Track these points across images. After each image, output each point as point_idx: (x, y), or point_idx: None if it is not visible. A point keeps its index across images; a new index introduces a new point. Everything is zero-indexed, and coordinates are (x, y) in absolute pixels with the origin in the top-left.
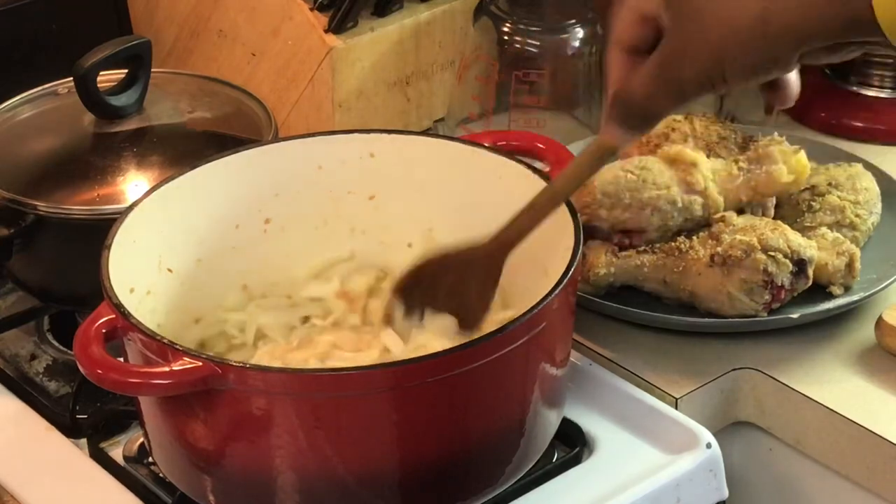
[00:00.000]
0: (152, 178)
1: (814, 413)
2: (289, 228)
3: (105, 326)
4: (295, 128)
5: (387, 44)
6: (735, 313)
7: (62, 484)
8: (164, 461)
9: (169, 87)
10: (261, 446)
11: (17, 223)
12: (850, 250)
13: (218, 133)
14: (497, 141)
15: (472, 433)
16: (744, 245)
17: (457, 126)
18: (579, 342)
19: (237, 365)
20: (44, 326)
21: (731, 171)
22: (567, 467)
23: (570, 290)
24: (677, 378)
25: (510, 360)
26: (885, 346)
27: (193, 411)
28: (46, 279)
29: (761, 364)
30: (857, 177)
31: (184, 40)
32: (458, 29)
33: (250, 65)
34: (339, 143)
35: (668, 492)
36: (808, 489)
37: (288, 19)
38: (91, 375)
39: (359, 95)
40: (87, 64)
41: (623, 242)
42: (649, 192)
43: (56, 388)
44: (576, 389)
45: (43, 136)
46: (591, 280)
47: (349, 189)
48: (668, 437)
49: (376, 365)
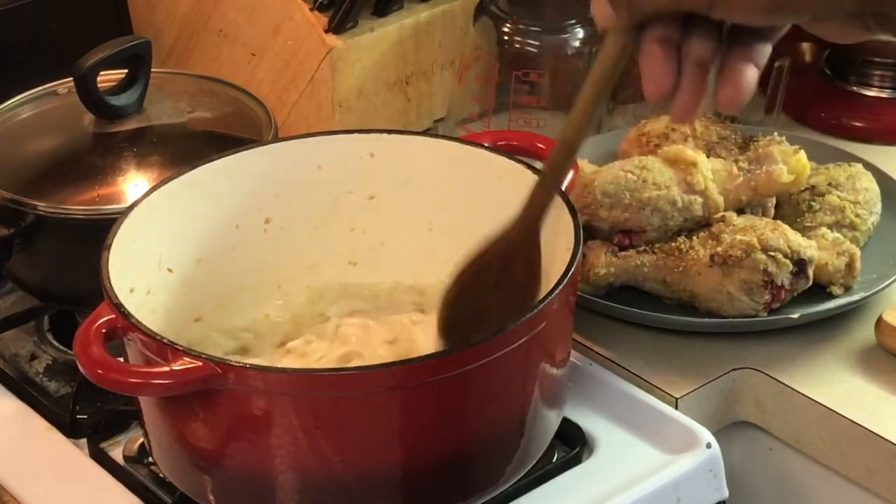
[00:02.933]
0: (152, 178)
1: (814, 413)
2: (289, 228)
3: (105, 326)
4: (295, 128)
5: (387, 44)
6: (735, 313)
7: (62, 484)
8: (164, 461)
9: (169, 87)
10: (261, 446)
11: (17, 223)
12: (850, 250)
13: (218, 133)
14: (497, 141)
15: (473, 433)
16: (744, 245)
17: (457, 126)
18: (579, 342)
19: (237, 365)
20: (44, 326)
21: (731, 171)
22: (567, 467)
23: (570, 290)
24: (677, 378)
25: (510, 360)
26: (885, 346)
27: (193, 411)
28: (46, 279)
29: (761, 364)
30: (857, 177)
31: (184, 40)
32: (458, 29)
33: (250, 65)
34: (339, 143)
35: (668, 492)
36: (808, 489)
37: (288, 19)
38: (91, 375)
39: (359, 95)
40: (87, 64)
41: (623, 242)
42: (649, 192)
43: (56, 388)
44: (576, 389)
45: (43, 136)
46: (591, 280)
47: (349, 189)
48: (667, 437)
49: (376, 365)
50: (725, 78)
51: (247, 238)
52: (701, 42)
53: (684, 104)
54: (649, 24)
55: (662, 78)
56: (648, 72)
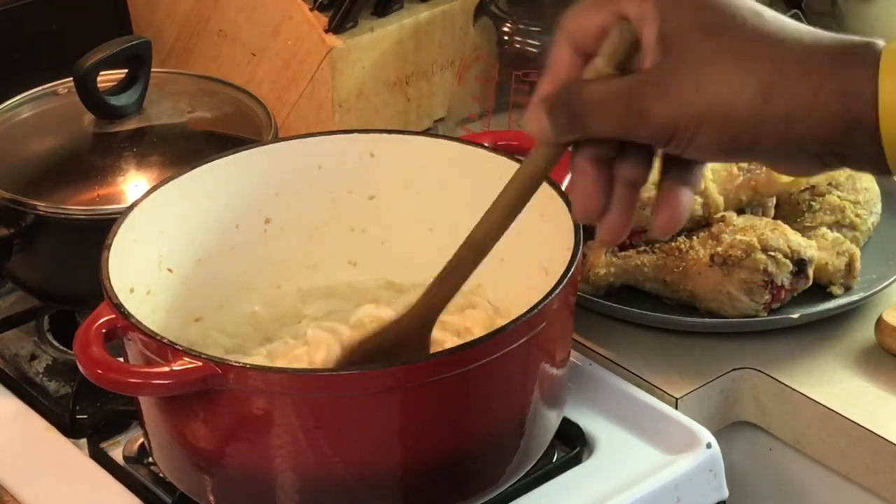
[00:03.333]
0: (152, 178)
1: (814, 413)
2: (289, 228)
3: (105, 326)
4: (295, 128)
5: (387, 44)
6: (735, 313)
7: (62, 484)
8: (164, 461)
9: (169, 87)
10: (261, 446)
11: (17, 223)
12: (850, 250)
13: (218, 133)
14: (497, 141)
15: (473, 433)
16: (744, 245)
17: (457, 126)
18: (579, 342)
19: (237, 365)
20: (44, 326)
21: (731, 171)
22: (567, 467)
23: (570, 290)
24: (677, 378)
25: (510, 360)
26: (885, 346)
27: (193, 411)
28: (46, 279)
29: (761, 364)
30: (857, 177)
31: (184, 40)
32: (458, 29)
33: (250, 65)
34: (339, 143)
35: (668, 492)
36: (808, 489)
37: (288, 19)
38: (91, 375)
39: (359, 95)
40: (87, 64)
41: (623, 242)
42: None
43: (56, 388)
44: (576, 389)
45: (43, 136)
46: (591, 280)
47: (349, 189)
48: (668, 437)
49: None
50: (662, 202)
51: (247, 238)
52: (634, 162)
53: (612, 225)
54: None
55: (593, 197)
56: (580, 190)
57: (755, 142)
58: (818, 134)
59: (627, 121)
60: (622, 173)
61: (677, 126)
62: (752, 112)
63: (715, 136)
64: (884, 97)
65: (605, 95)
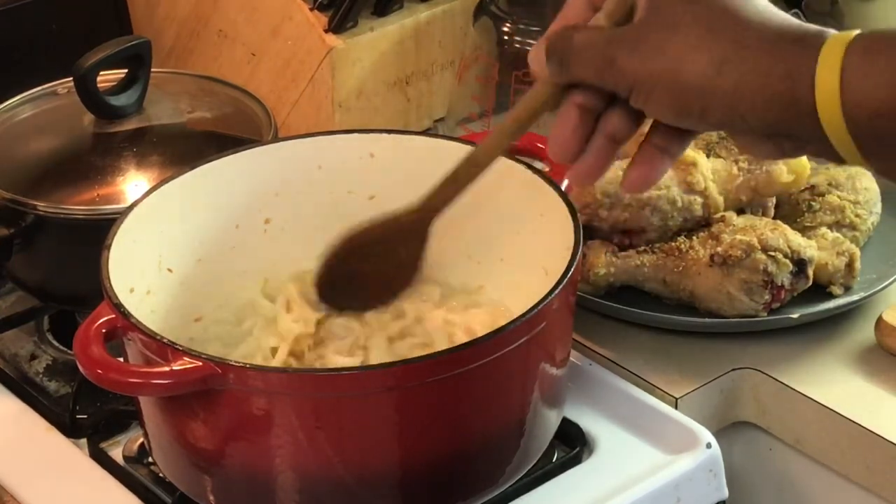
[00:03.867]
0: (152, 178)
1: (814, 413)
2: (289, 228)
3: (105, 326)
4: (295, 128)
5: (387, 44)
6: (735, 313)
7: (62, 484)
8: (164, 461)
9: (169, 87)
10: (261, 446)
11: (17, 223)
12: (850, 250)
13: (218, 133)
14: None
15: (472, 433)
16: (744, 245)
17: (457, 126)
18: (579, 342)
19: (237, 365)
20: (44, 326)
21: (731, 171)
22: (567, 467)
23: (570, 290)
24: (677, 378)
25: (510, 360)
26: (885, 346)
27: (193, 411)
28: (46, 279)
29: (761, 364)
30: (857, 177)
31: (184, 40)
32: (458, 29)
33: (250, 65)
34: (339, 143)
35: (668, 492)
36: (808, 489)
37: (288, 19)
38: (91, 375)
39: (359, 95)
40: (87, 64)
41: (623, 242)
42: (649, 191)
43: (56, 388)
44: (576, 389)
45: (43, 136)
46: (591, 280)
47: (349, 189)
48: (667, 437)
49: (376, 365)
50: (638, 160)
51: (247, 238)
52: (620, 118)
53: (585, 170)
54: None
55: (569, 144)
56: (558, 133)
57: (704, 110)
58: (762, 113)
59: (601, 68)
60: (604, 124)
61: (636, 80)
62: (704, 80)
63: (667, 96)
64: (820, 81)
65: (588, 43)
